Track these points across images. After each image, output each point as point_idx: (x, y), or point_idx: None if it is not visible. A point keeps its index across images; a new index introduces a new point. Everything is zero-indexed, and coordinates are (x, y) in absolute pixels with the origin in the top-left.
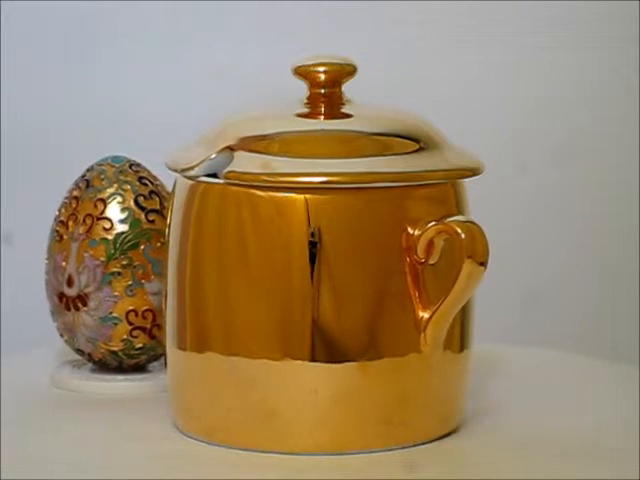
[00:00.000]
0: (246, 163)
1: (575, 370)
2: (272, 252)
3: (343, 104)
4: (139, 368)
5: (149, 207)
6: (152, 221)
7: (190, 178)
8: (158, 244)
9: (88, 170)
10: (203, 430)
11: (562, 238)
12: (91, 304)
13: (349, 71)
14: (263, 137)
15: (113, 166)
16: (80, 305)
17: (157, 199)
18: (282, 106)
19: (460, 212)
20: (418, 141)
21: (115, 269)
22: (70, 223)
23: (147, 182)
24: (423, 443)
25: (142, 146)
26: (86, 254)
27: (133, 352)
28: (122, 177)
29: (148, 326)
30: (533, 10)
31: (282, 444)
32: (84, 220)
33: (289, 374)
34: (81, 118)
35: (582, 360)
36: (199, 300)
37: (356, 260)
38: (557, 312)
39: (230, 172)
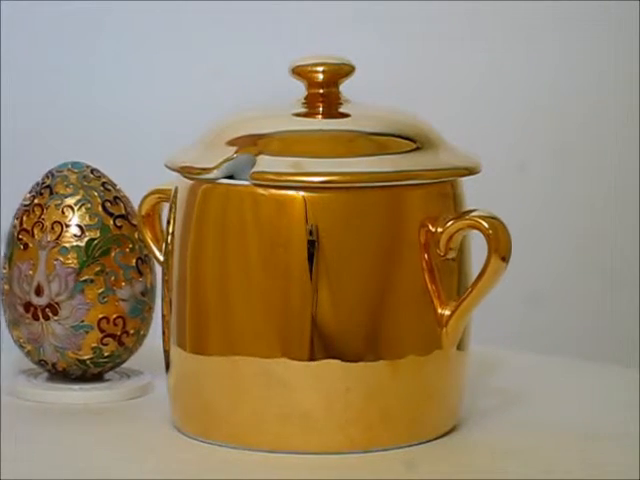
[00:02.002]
0: (273, 164)
1: (575, 372)
2: (274, 249)
3: (341, 104)
4: (97, 378)
5: (116, 213)
6: (120, 227)
7: (209, 181)
8: (127, 249)
9: (47, 177)
10: (225, 434)
11: (562, 239)
12: (62, 313)
13: (347, 71)
14: (261, 137)
15: (75, 172)
16: (50, 314)
17: (121, 204)
18: (280, 106)
19: (459, 211)
20: (415, 141)
21: (88, 276)
22: (36, 231)
23: (110, 187)
24: (427, 441)
25: (141, 146)
26: (56, 262)
27: (101, 360)
28: (86, 183)
29: (118, 333)
30: (534, 11)
31: (313, 444)
32: (52, 227)
33: (318, 374)
34: (80, 118)
35: (582, 363)
36: (208, 302)
37: (354, 258)
38: (557, 313)
39: (258, 173)
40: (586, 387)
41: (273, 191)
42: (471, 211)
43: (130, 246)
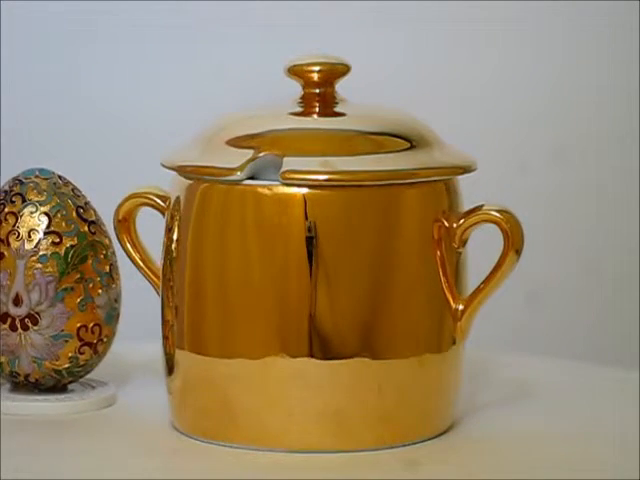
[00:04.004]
0: (302, 163)
1: (574, 373)
2: (274, 247)
3: (337, 103)
4: (62, 388)
5: (89, 218)
6: (94, 232)
7: (232, 183)
8: (101, 256)
9: (15, 184)
10: (250, 437)
11: (562, 239)
12: (43, 322)
13: (342, 70)
14: (256, 135)
15: (44, 179)
16: (30, 324)
17: (91, 210)
18: (277, 106)
19: (454, 210)
20: (410, 140)
21: (68, 284)
22: (11, 240)
23: (79, 194)
24: (431, 438)
25: (140, 146)
26: (36, 271)
27: (76, 369)
28: (58, 189)
29: (95, 341)
30: (534, 10)
31: (346, 442)
32: (29, 235)
33: (354, 373)
34: (78, 118)
35: (581, 363)
36: (209, 304)
37: (354, 256)
38: (557, 313)
39: (288, 172)
40: (586, 387)
41: (275, 189)
42: (482, 206)
43: (104, 252)
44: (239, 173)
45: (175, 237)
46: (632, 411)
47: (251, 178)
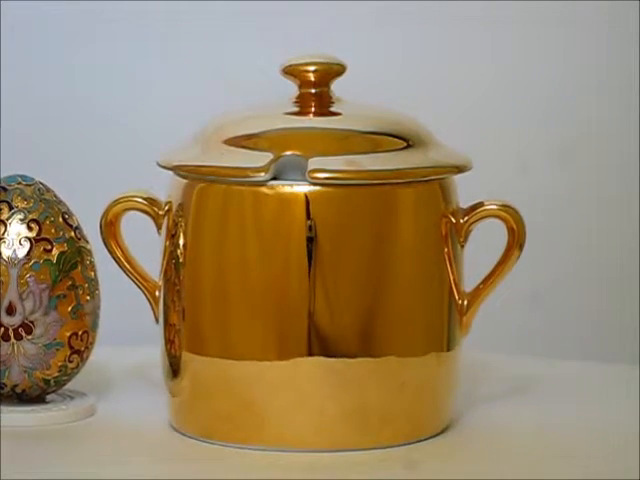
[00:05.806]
0: (328, 163)
1: (574, 372)
2: (274, 246)
3: (333, 103)
4: (40, 399)
5: (74, 224)
6: (79, 238)
7: (255, 184)
8: (88, 262)
9: None
10: (271, 437)
11: (563, 239)
12: (37, 331)
13: (338, 70)
14: (253, 135)
15: (28, 185)
16: (24, 333)
17: (74, 216)
18: (273, 105)
19: (451, 209)
20: (406, 139)
21: (61, 292)
22: (2, 248)
23: (60, 200)
24: (431, 437)
25: (139, 147)
26: (30, 279)
27: (64, 378)
28: (42, 196)
29: (82, 348)
30: (535, 10)
31: (372, 439)
32: (20, 243)
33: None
34: (77, 119)
35: (581, 365)
36: (207, 306)
37: (354, 255)
38: (558, 314)
39: (315, 170)
40: (586, 386)
41: (276, 189)
42: (482, 203)
43: (89, 258)
44: (263, 174)
45: (181, 241)
46: (632, 410)
47: (274, 178)
